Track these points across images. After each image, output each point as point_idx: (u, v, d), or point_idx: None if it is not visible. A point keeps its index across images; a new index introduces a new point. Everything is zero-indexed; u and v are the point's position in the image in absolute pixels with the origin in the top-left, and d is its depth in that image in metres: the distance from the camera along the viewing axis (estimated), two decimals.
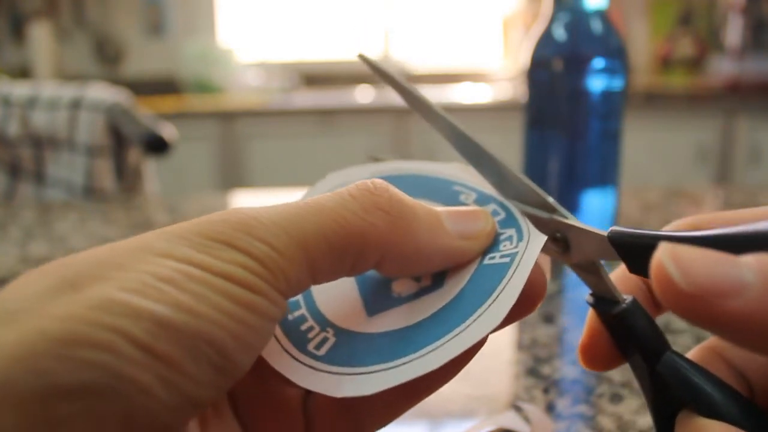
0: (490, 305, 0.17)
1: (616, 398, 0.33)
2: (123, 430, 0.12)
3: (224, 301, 0.14)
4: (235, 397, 0.18)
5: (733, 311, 0.12)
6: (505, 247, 0.18)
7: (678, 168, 2.06)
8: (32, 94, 1.08)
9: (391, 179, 0.22)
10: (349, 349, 0.18)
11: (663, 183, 2.00)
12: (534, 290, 0.18)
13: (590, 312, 0.19)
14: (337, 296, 0.20)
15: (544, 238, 0.18)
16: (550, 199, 0.19)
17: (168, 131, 1.03)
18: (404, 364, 0.16)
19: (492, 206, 0.20)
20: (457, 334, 0.16)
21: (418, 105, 0.22)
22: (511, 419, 0.30)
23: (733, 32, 2.22)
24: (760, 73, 2.13)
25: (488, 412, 0.32)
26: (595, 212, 0.51)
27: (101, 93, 1.04)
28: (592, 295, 0.19)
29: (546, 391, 0.34)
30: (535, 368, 0.36)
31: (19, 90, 1.10)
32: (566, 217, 0.19)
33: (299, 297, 0.20)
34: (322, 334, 0.18)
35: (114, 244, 0.14)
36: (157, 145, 1.01)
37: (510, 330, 0.41)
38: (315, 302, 0.20)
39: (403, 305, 0.18)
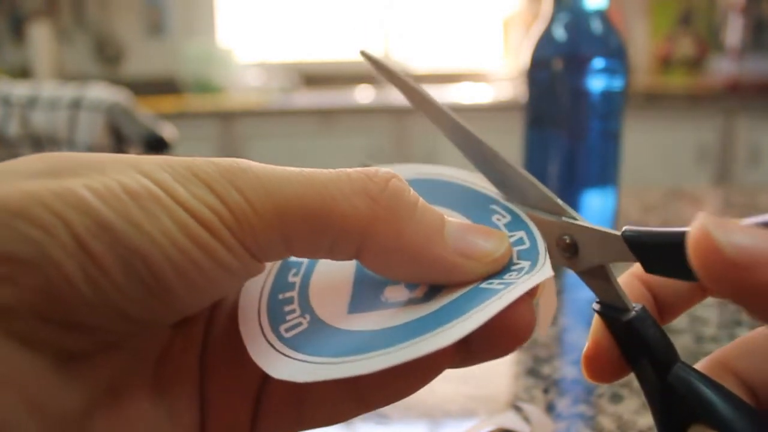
0: (450, 327, 0.15)
1: (616, 398, 0.33)
2: (41, 303, 0.13)
3: (176, 231, 0.14)
4: (208, 355, 0.18)
5: None
6: (509, 277, 0.17)
7: (678, 168, 2.06)
8: (32, 94, 1.08)
9: (427, 182, 0.21)
10: (313, 338, 0.17)
11: (663, 183, 2.00)
12: (514, 329, 0.16)
13: (595, 321, 0.18)
14: (330, 285, 0.19)
15: (546, 275, 0.17)
16: (559, 201, 0.18)
17: (168, 131, 1.03)
18: (340, 363, 0.16)
19: (520, 234, 0.19)
20: (400, 348, 0.15)
21: (421, 103, 0.21)
22: (511, 419, 0.30)
23: (733, 32, 2.22)
24: (760, 73, 2.13)
25: (488, 412, 0.32)
26: (595, 212, 0.51)
27: (101, 93, 1.05)
28: (598, 302, 0.18)
29: (546, 391, 0.34)
30: (535, 368, 0.36)
31: (19, 90, 1.10)
32: (576, 219, 0.18)
33: (296, 279, 0.20)
34: (299, 319, 0.18)
35: (113, 154, 0.15)
36: (157, 145, 1.01)
37: None
38: (309, 287, 0.19)
39: (385, 311, 0.17)
